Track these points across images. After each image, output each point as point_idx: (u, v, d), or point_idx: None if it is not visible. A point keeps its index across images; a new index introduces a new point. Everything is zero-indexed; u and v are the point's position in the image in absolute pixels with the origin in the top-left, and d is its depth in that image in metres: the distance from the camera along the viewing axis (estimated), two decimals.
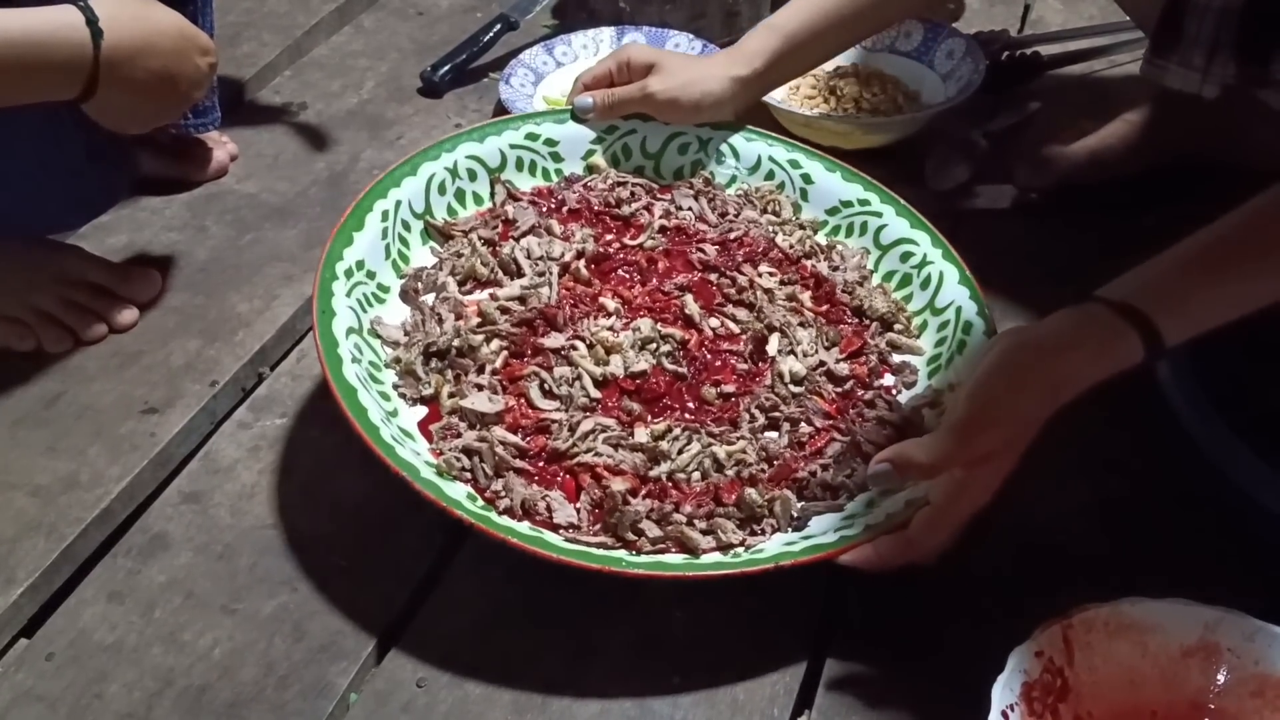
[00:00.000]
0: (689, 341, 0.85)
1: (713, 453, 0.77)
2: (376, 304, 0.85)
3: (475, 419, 0.77)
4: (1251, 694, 0.62)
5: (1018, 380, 0.65)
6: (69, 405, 0.88)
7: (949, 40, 1.18)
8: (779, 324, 0.86)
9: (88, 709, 0.69)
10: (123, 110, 0.84)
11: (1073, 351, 0.65)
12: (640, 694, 0.69)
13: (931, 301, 0.90)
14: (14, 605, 0.74)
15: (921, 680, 0.69)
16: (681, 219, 0.96)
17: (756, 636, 0.72)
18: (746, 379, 0.83)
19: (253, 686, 0.70)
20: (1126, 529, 0.76)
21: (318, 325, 0.77)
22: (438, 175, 0.93)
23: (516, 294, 0.86)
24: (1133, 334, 0.64)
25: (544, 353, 0.82)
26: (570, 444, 0.76)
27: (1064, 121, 1.10)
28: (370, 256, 0.85)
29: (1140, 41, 1.22)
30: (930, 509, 0.68)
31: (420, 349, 0.81)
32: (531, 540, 0.69)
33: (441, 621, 0.73)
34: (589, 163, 1.00)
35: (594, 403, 0.80)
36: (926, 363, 0.87)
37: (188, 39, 0.84)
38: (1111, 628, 0.63)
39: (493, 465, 0.75)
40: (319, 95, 1.25)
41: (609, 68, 0.99)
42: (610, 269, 0.91)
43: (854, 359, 0.86)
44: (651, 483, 0.75)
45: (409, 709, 0.68)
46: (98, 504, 0.80)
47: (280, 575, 0.76)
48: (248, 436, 0.87)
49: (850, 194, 0.97)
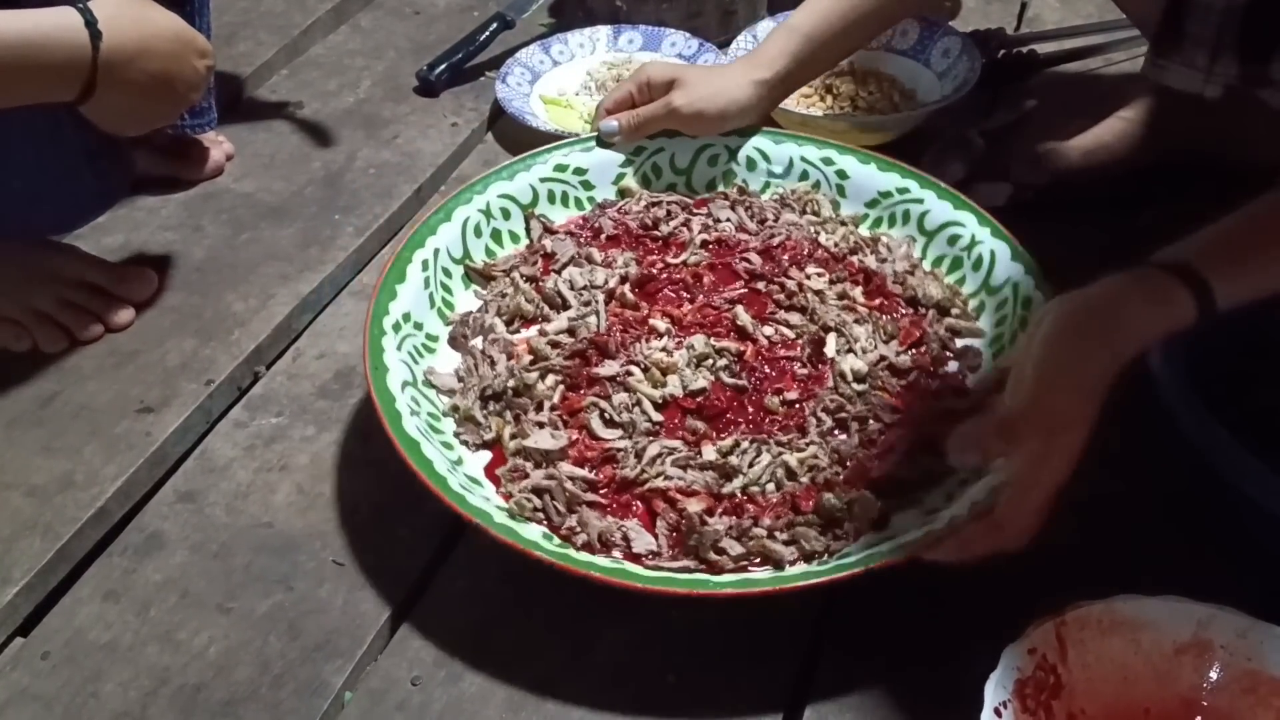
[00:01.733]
0: (745, 353, 0.84)
1: (784, 461, 0.76)
2: (427, 354, 0.84)
3: (540, 457, 0.77)
4: (1244, 690, 0.62)
5: (1077, 345, 0.64)
6: (65, 405, 0.88)
7: (945, 38, 1.18)
8: (834, 323, 0.86)
9: (83, 708, 0.69)
10: (120, 112, 0.84)
11: (1127, 311, 0.64)
12: (635, 693, 0.69)
13: (986, 281, 0.89)
14: (9, 604, 0.74)
15: (916, 678, 0.69)
16: (721, 231, 0.95)
17: (752, 636, 0.72)
18: (808, 383, 0.82)
19: (248, 685, 0.70)
20: (1119, 526, 0.76)
21: (372, 382, 0.76)
22: (472, 218, 0.92)
23: (565, 326, 0.86)
24: (1185, 293, 0.63)
25: (600, 382, 0.81)
26: (639, 471, 0.76)
27: (1060, 119, 1.10)
28: (415, 308, 0.85)
29: (1136, 39, 1.22)
30: (1013, 490, 0.66)
31: (476, 394, 0.81)
32: (615, 573, 0.68)
33: (437, 620, 0.73)
34: (620, 186, 0.99)
35: (656, 426, 0.79)
36: (989, 344, 0.86)
37: (185, 41, 0.85)
38: (1104, 625, 0.63)
39: (564, 502, 0.74)
40: (315, 94, 1.25)
41: (629, 90, 0.99)
42: (656, 290, 0.90)
43: (915, 349, 0.85)
44: (726, 500, 0.75)
45: (404, 707, 0.69)
46: (93, 503, 0.80)
47: (275, 574, 0.76)
48: (243, 436, 0.87)
49: (888, 184, 0.97)
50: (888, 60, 1.20)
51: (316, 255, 1.03)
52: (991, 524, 0.66)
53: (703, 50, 1.24)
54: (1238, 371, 0.76)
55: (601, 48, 1.28)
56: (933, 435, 0.76)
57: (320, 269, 1.01)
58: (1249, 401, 0.73)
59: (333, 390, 0.90)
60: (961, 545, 0.67)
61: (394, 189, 1.11)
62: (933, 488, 0.75)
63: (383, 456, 0.83)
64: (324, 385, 0.91)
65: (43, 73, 0.77)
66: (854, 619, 0.72)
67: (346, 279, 1.02)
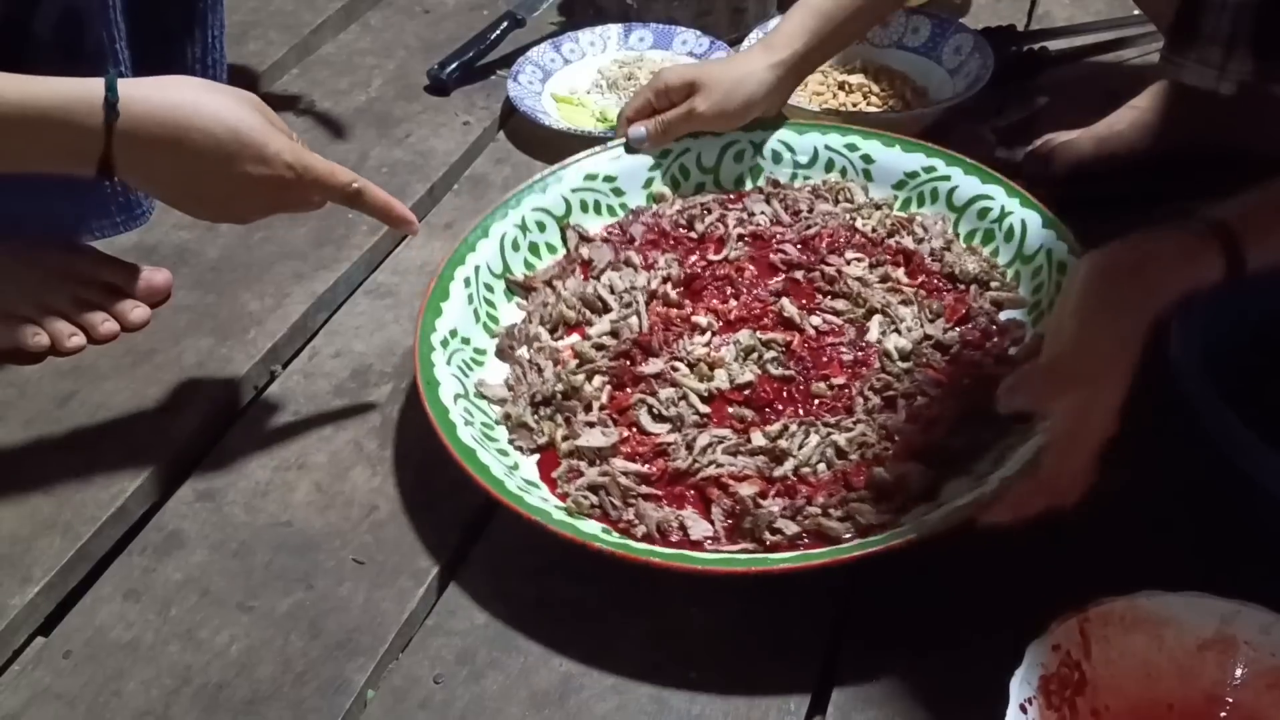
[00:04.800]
0: (792, 343, 0.85)
1: (833, 441, 0.77)
2: (476, 368, 0.85)
3: (593, 455, 0.78)
4: (1269, 687, 0.62)
5: (1113, 293, 0.65)
6: (82, 404, 0.88)
7: (957, 36, 1.18)
8: (879, 306, 0.87)
9: (106, 706, 0.69)
10: (175, 199, 0.76)
11: (1156, 262, 0.65)
12: (657, 690, 0.69)
13: (1020, 251, 0.90)
14: (30, 604, 0.74)
15: (938, 674, 0.69)
16: (757, 225, 0.96)
17: (773, 631, 0.72)
18: (854, 367, 0.83)
19: (270, 684, 0.70)
20: (1141, 522, 0.76)
21: (425, 397, 0.78)
22: (509, 233, 0.93)
23: (607, 329, 0.87)
24: (1216, 250, 0.64)
25: (646, 380, 0.83)
26: (691, 461, 0.76)
27: (1072, 116, 1.10)
28: (461, 324, 0.86)
29: (1147, 36, 1.22)
30: (1057, 443, 0.66)
31: (527, 400, 0.82)
32: (676, 558, 0.70)
33: (458, 617, 0.73)
34: (652, 192, 1.00)
35: (704, 418, 0.80)
36: (1028, 312, 0.87)
37: (234, 151, 0.72)
38: (1128, 621, 0.63)
39: (620, 496, 0.75)
40: (326, 93, 1.25)
41: (647, 98, 0.99)
42: (701, 288, 0.91)
43: (961, 324, 0.86)
44: (779, 482, 0.75)
45: (426, 705, 0.69)
46: (113, 502, 0.80)
47: (296, 572, 0.76)
48: (261, 435, 0.87)
49: (914, 164, 0.98)
50: (900, 58, 1.20)
51: (331, 254, 1.03)
52: (1041, 481, 0.66)
53: (714, 48, 1.24)
54: (1255, 367, 0.76)
55: (613, 46, 1.28)
56: (979, 404, 0.76)
57: (335, 268, 1.01)
58: (1267, 397, 0.73)
59: (350, 389, 0.90)
60: (1013, 505, 0.66)
61: (407, 188, 1.11)
62: (982, 455, 0.75)
63: (401, 455, 0.84)
64: (341, 384, 0.91)
65: (52, 145, 0.70)
66: (874, 616, 0.72)
67: (361, 278, 1.02)
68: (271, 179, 0.74)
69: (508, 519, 0.79)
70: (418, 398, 0.88)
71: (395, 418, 0.87)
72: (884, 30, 1.21)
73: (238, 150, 0.72)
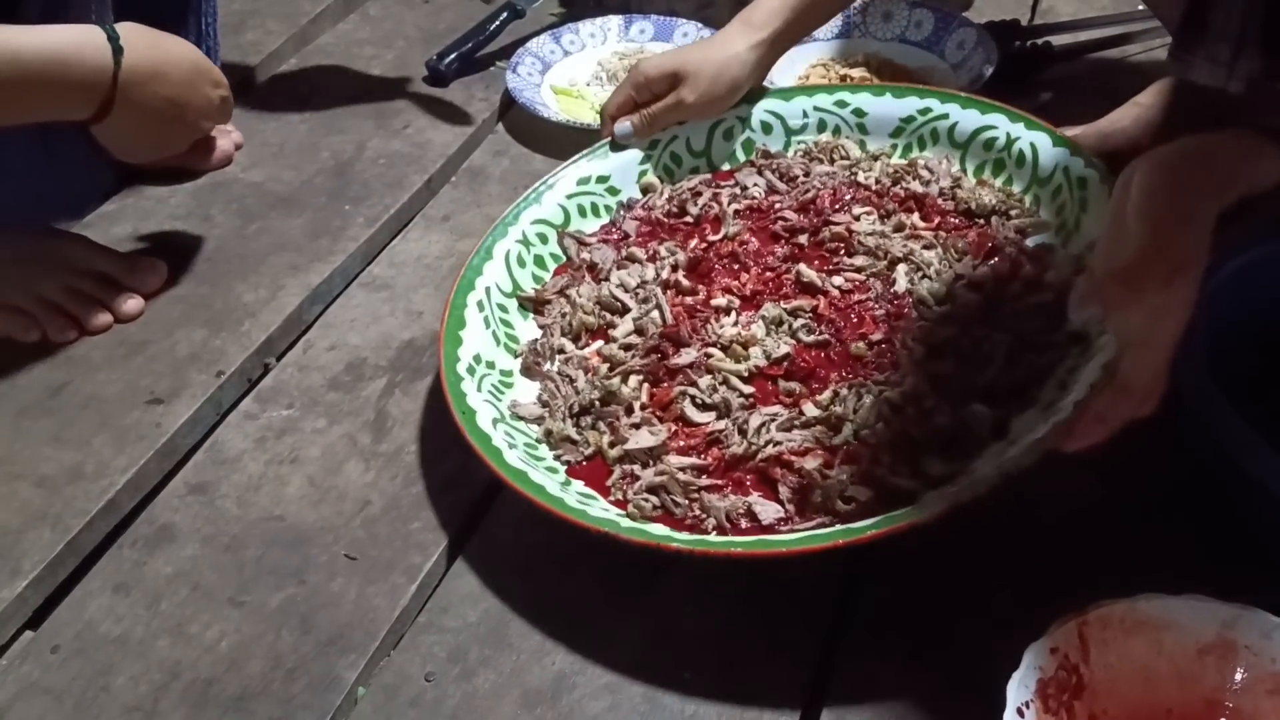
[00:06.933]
0: (818, 307, 0.84)
1: (887, 399, 0.75)
2: (506, 390, 0.83)
3: (645, 457, 0.76)
4: (1269, 692, 0.61)
5: (1180, 186, 0.63)
6: (74, 395, 0.87)
7: (960, 30, 1.17)
8: (901, 254, 0.86)
9: (94, 701, 0.68)
10: (133, 135, 0.85)
11: (1221, 154, 0.64)
12: (650, 690, 0.68)
13: (1034, 175, 0.89)
14: (19, 597, 0.74)
15: (935, 677, 0.68)
16: (752, 198, 0.95)
17: (768, 632, 0.71)
18: (890, 320, 0.82)
19: (260, 680, 0.69)
20: (1142, 525, 0.75)
21: (465, 428, 0.75)
22: (512, 250, 0.91)
23: (631, 328, 0.86)
24: (1273, 150, 0.63)
25: (682, 371, 0.81)
26: (746, 445, 0.75)
27: (1075, 112, 1.09)
28: (483, 348, 0.84)
29: (1151, 31, 1.21)
30: (1136, 346, 0.65)
31: (564, 413, 0.80)
32: (755, 545, 0.68)
33: (450, 615, 0.73)
34: (641, 184, 0.99)
35: (750, 399, 0.79)
36: (1055, 234, 0.86)
37: (201, 70, 0.87)
38: (1127, 625, 0.62)
39: (682, 493, 0.73)
40: (325, 83, 1.24)
41: (628, 93, 0.98)
42: (708, 269, 0.90)
43: (990, 259, 0.85)
44: (841, 450, 0.74)
45: (417, 703, 0.68)
46: (103, 495, 0.80)
47: (287, 568, 0.76)
48: (254, 427, 0.86)
49: (908, 109, 0.97)
50: (902, 51, 1.19)
51: (327, 246, 1.02)
52: (1118, 390, 0.65)
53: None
54: (1260, 368, 0.75)
55: (613, 37, 1.27)
56: (1027, 332, 0.75)
57: (330, 260, 1.01)
58: (1271, 397, 0.72)
59: (344, 382, 0.90)
60: (1095, 423, 0.65)
61: (404, 179, 1.10)
62: (1044, 382, 0.74)
63: (394, 450, 0.84)
64: (335, 377, 0.90)
65: (63, 86, 0.78)
66: (870, 618, 0.72)
67: (357, 270, 1.01)
68: (223, 100, 0.90)
69: (502, 515, 0.78)
70: (413, 393, 0.88)
71: (389, 412, 0.87)
72: (887, 24, 1.20)
73: (205, 71, 0.88)
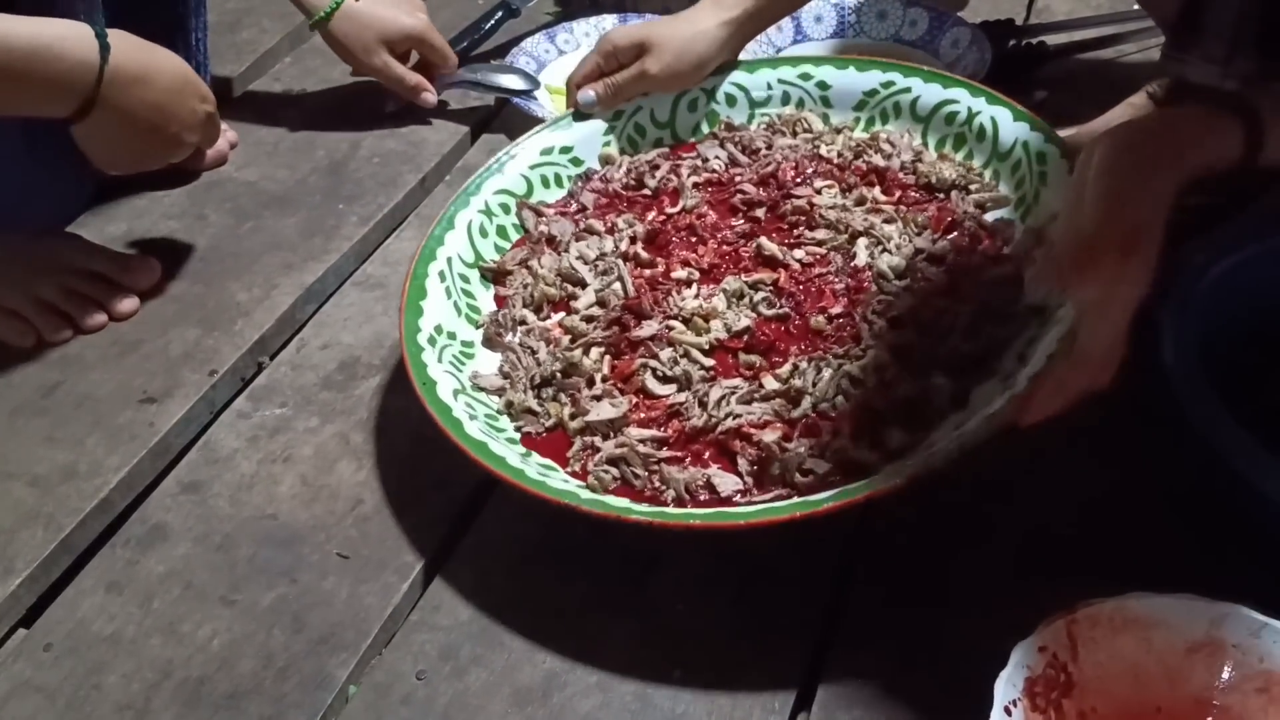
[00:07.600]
0: (779, 280, 0.84)
1: (847, 372, 0.75)
2: (467, 360, 0.83)
3: (606, 428, 0.76)
4: (1256, 690, 0.61)
5: (1137, 159, 0.64)
6: (67, 394, 0.88)
7: (954, 29, 1.17)
8: (862, 228, 0.86)
9: (86, 700, 0.69)
10: (113, 141, 0.84)
11: (1179, 127, 0.65)
12: (641, 688, 0.68)
13: (994, 149, 0.90)
14: (12, 596, 0.74)
15: (923, 675, 0.68)
16: (712, 171, 0.96)
17: (759, 630, 0.71)
18: (850, 294, 0.82)
19: (251, 678, 0.69)
20: (1131, 523, 0.75)
21: (425, 398, 0.75)
22: (474, 220, 0.91)
23: (593, 300, 0.86)
24: (1237, 126, 0.64)
25: (643, 343, 0.81)
26: (707, 417, 0.75)
27: (1071, 111, 1.09)
28: (445, 319, 0.84)
29: (1146, 31, 1.21)
30: (1088, 320, 0.65)
31: (526, 385, 0.80)
32: (714, 518, 0.68)
33: (442, 613, 0.73)
34: (600, 155, 0.99)
35: (710, 371, 0.79)
36: (1014, 208, 0.86)
37: (188, 82, 0.86)
38: (1116, 623, 0.62)
39: (642, 465, 0.73)
40: (319, 82, 1.25)
41: (595, 62, 0.98)
42: (665, 242, 0.90)
43: (949, 234, 0.85)
44: (800, 423, 0.74)
45: (409, 701, 0.68)
46: (96, 494, 0.80)
47: (279, 566, 0.76)
48: (247, 426, 0.86)
49: (871, 82, 0.98)
50: (897, 51, 1.19)
51: (320, 245, 1.02)
52: (1075, 361, 0.65)
53: None
54: (1251, 367, 0.75)
55: None
56: (987, 305, 0.76)
57: (324, 259, 1.01)
58: (1264, 399, 0.72)
59: (337, 381, 0.90)
60: (1051, 395, 0.65)
61: (398, 178, 1.10)
62: (1003, 353, 0.74)
63: (387, 449, 0.84)
64: (328, 376, 0.90)
65: (47, 78, 0.77)
66: (859, 615, 0.72)
67: (351, 269, 1.02)
68: (208, 115, 0.89)
69: (495, 513, 0.78)
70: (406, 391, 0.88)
71: (382, 411, 0.87)
72: (881, 23, 1.20)
73: (192, 84, 0.87)
